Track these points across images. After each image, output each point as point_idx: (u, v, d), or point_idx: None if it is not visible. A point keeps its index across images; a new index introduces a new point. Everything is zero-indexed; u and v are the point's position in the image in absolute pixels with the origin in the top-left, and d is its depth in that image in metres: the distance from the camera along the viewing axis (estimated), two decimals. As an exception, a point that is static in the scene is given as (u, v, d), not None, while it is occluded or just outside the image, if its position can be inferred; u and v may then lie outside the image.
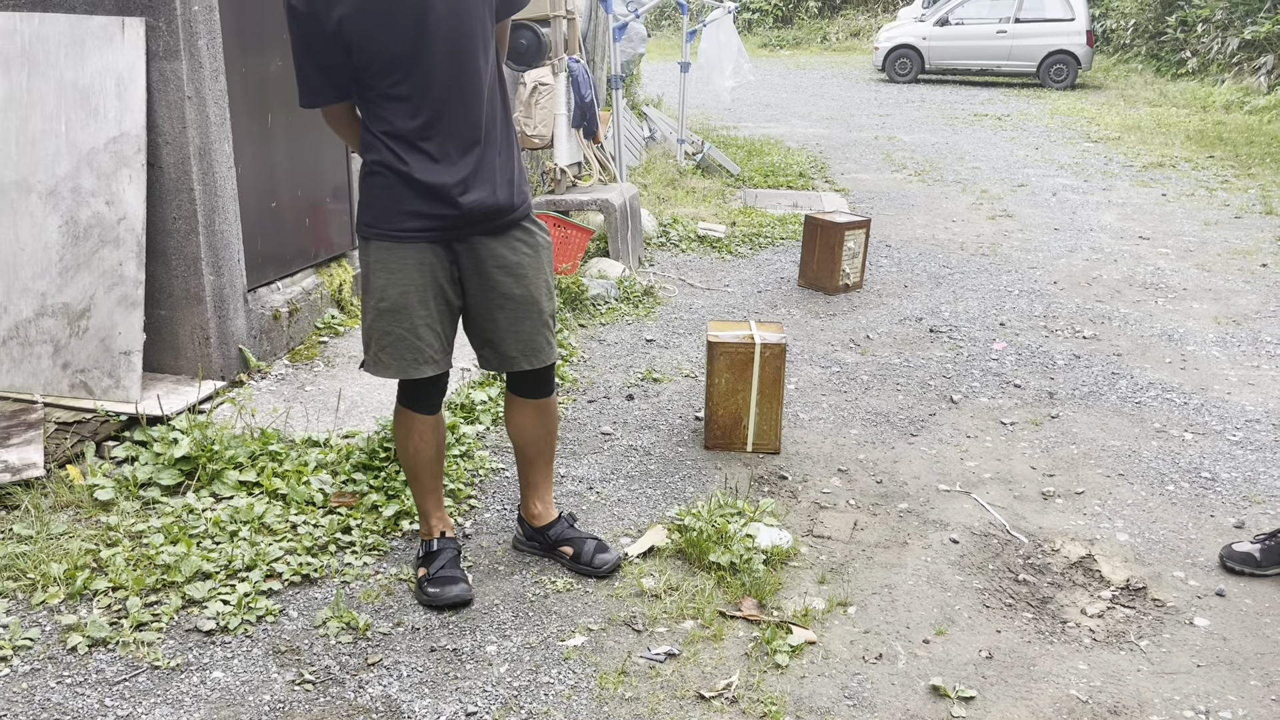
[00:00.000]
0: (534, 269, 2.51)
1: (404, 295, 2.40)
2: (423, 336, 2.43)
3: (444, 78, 2.30)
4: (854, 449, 3.63)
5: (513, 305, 2.50)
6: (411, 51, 2.26)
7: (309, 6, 2.21)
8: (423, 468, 2.65)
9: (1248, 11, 15.69)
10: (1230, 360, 4.56)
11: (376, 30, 2.23)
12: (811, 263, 5.70)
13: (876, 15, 28.91)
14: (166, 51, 3.30)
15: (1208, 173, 9.36)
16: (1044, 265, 6.18)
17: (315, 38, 2.25)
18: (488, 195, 2.40)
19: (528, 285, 2.50)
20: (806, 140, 11.50)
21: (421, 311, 2.42)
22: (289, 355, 4.01)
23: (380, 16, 2.22)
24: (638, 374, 4.28)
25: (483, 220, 2.42)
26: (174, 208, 3.43)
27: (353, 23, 2.21)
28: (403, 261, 2.39)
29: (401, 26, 2.24)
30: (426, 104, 2.31)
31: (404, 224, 2.38)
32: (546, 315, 2.56)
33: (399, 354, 2.44)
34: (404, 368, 2.45)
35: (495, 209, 2.42)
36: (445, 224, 2.39)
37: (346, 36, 2.23)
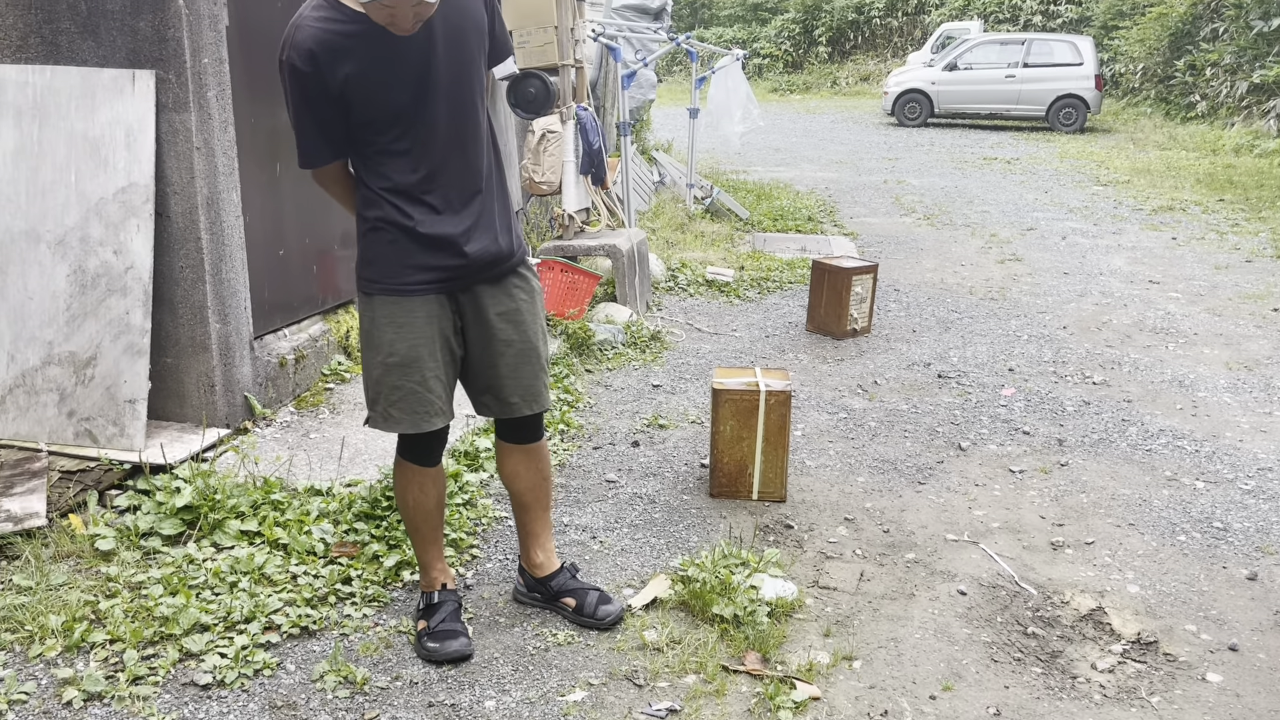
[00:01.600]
0: (531, 315, 2.54)
1: (414, 348, 2.40)
2: (432, 389, 2.43)
3: (446, 130, 2.32)
4: (861, 497, 3.59)
5: (513, 351, 2.52)
6: (414, 106, 2.28)
7: (313, 66, 2.19)
8: (423, 520, 2.63)
9: (1256, 56, 15.77)
10: (1242, 407, 4.51)
11: (380, 87, 2.24)
12: (819, 307, 5.69)
13: (886, 60, 29.17)
14: (176, 103, 3.34)
15: (1218, 216, 9.35)
16: (1053, 310, 6.16)
17: (318, 97, 2.23)
18: (490, 243, 2.42)
19: (526, 331, 2.52)
20: (816, 184, 11.55)
21: (431, 364, 2.42)
22: (294, 402, 4.01)
23: (384, 73, 2.23)
24: (644, 420, 4.26)
25: (487, 268, 2.43)
26: (181, 256, 3.46)
27: (357, 81, 2.22)
28: (411, 315, 2.39)
29: (404, 82, 2.25)
30: (427, 157, 2.32)
31: (411, 277, 2.38)
32: (544, 360, 2.58)
33: (410, 408, 2.43)
34: (416, 421, 2.44)
35: (497, 256, 2.44)
36: (451, 274, 2.40)
37: (350, 95, 2.23)
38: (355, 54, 2.19)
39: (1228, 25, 17.28)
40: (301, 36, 2.19)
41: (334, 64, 2.18)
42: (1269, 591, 2.98)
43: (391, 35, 2.20)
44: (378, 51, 2.21)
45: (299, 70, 2.20)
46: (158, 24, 3.29)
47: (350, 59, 2.19)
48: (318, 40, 2.18)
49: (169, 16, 3.28)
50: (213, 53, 3.42)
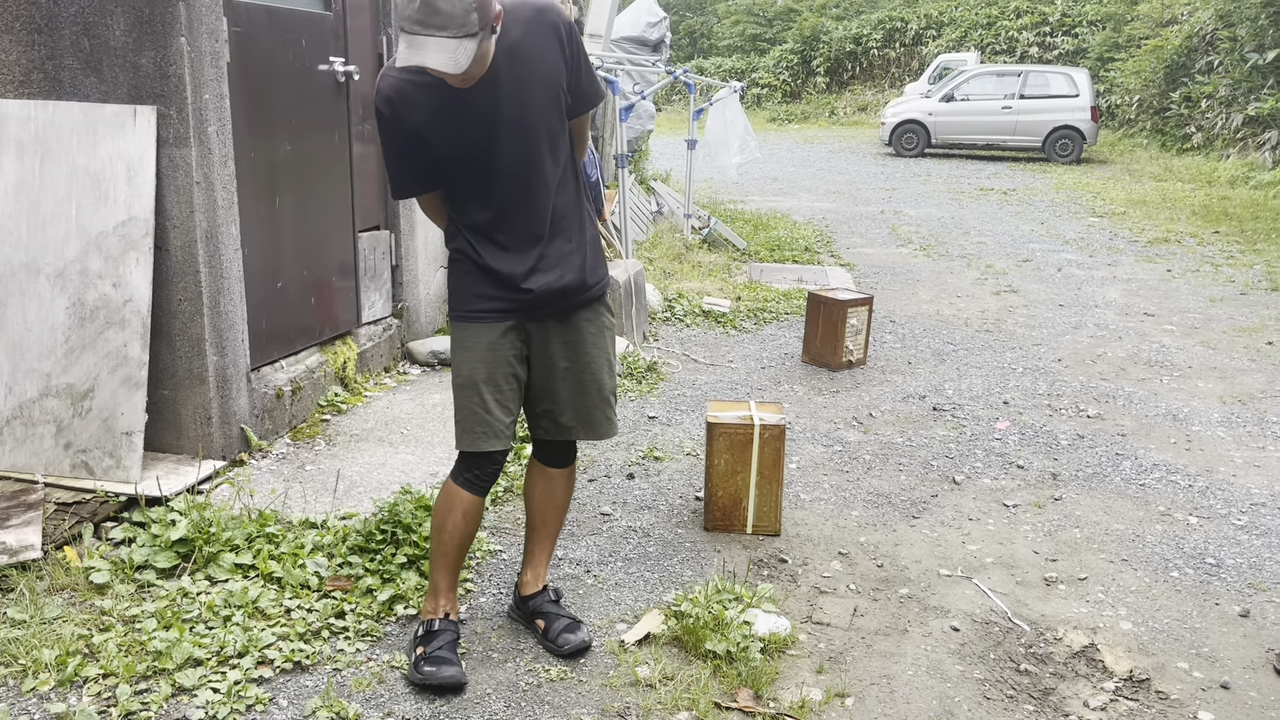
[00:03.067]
0: (596, 346, 2.66)
1: (474, 372, 2.56)
2: (491, 410, 2.56)
3: (510, 179, 2.48)
4: (855, 531, 3.60)
5: (573, 379, 2.65)
6: (480, 155, 2.43)
7: (391, 110, 2.41)
8: (455, 546, 2.69)
9: (1251, 88, 15.92)
10: (1235, 441, 4.53)
11: (449, 133, 2.41)
12: (815, 339, 5.72)
13: (883, 91, 29.40)
14: (177, 138, 3.38)
15: (1213, 248, 9.40)
16: (1048, 342, 6.19)
17: (398, 137, 2.44)
18: (555, 280, 2.55)
19: (586, 359, 2.65)
20: (813, 214, 11.62)
21: (489, 388, 2.56)
22: (291, 434, 4.02)
23: (452, 121, 2.40)
24: (639, 452, 4.28)
25: (555, 301, 2.56)
26: (180, 289, 3.48)
27: (428, 127, 2.40)
28: (475, 340, 2.56)
29: (470, 131, 2.41)
30: (495, 200, 2.48)
31: (476, 305, 2.56)
32: (606, 391, 2.71)
33: (468, 426, 2.57)
34: (472, 440, 2.57)
35: (564, 291, 2.56)
36: (514, 306, 2.54)
37: (425, 137, 2.42)
38: (425, 104, 2.38)
39: (1222, 58, 17.45)
40: (383, 85, 2.42)
41: (409, 111, 2.39)
42: (1261, 629, 2.99)
43: (451, 96, 2.36)
44: (445, 102, 2.37)
45: (382, 114, 2.43)
46: (160, 60, 3.33)
47: (420, 109, 2.39)
48: (394, 89, 2.40)
49: (171, 53, 3.32)
50: (214, 88, 3.46)
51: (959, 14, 28.71)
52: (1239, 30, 16.68)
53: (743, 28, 36.52)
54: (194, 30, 3.35)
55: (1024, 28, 26.87)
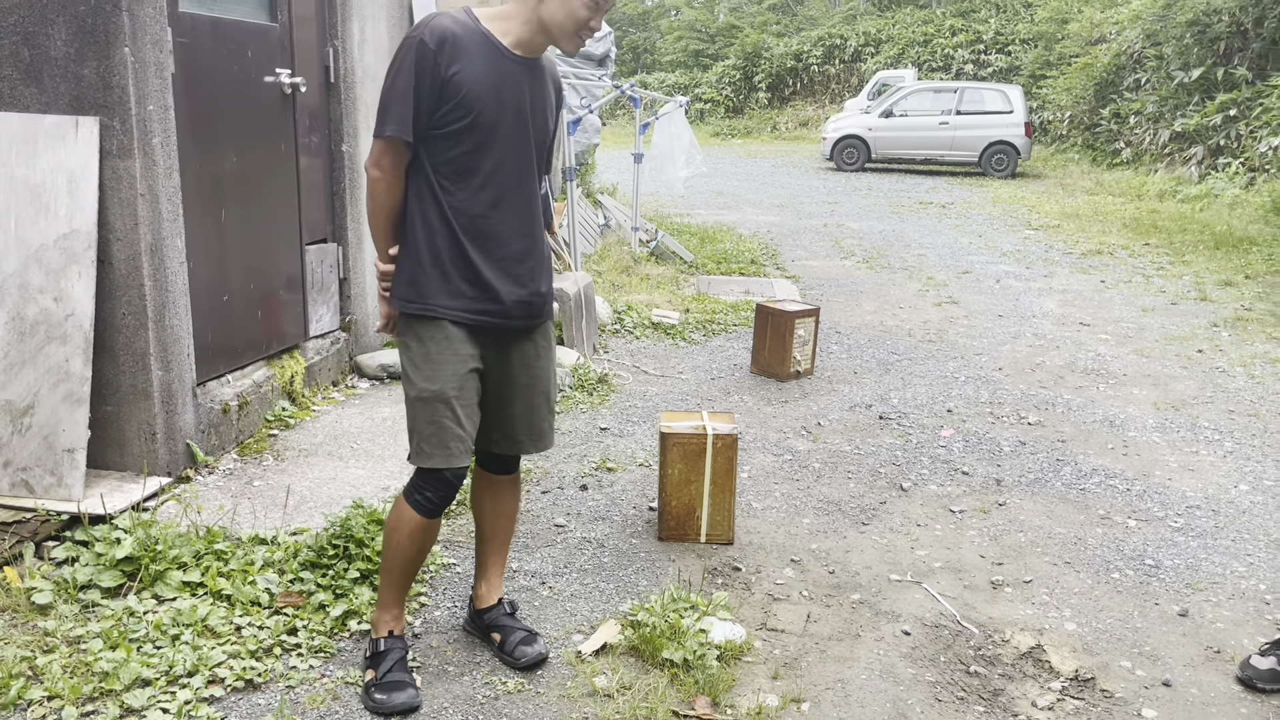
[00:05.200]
0: (547, 359, 2.69)
1: (445, 383, 2.46)
2: (463, 424, 2.49)
3: (514, 166, 2.48)
4: (806, 538, 3.64)
5: (526, 395, 2.65)
6: (498, 126, 2.42)
7: (439, 47, 2.35)
8: (401, 562, 2.62)
9: (1177, 105, 16.43)
10: (1170, 446, 4.67)
11: (477, 95, 2.38)
12: (763, 350, 5.78)
13: (824, 106, 29.83)
14: (120, 150, 3.32)
15: (1144, 260, 9.68)
16: (989, 351, 6.32)
17: (426, 74, 2.36)
18: (527, 294, 2.54)
19: (539, 377, 2.66)
20: (758, 227, 11.74)
21: (460, 399, 2.48)
22: (238, 449, 3.97)
23: (485, 87, 2.39)
24: (592, 463, 4.28)
25: (515, 317, 2.54)
26: (123, 303, 3.42)
27: (463, 77, 2.36)
28: (445, 343, 2.46)
29: (498, 103, 2.42)
30: (496, 180, 2.45)
31: (449, 303, 2.46)
32: (552, 402, 2.74)
33: (440, 441, 2.47)
34: (446, 456, 2.47)
35: (530, 306, 2.56)
36: (484, 311, 2.49)
37: (450, 90, 2.36)
38: (473, 59, 2.38)
39: (1149, 76, 18.00)
40: (439, 22, 2.38)
41: (454, 55, 2.36)
42: (1199, 627, 3.08)
43: (504, 66, 2.41)
44: (489, 68, 2.39)
45: (426, 46, 2.35)
46: (103, 71, 3.28)
47: (467, 60, 2.37)
48: (453, 31, 2.37)
49: (114, 64, 3.27)
50: (158, 100, 3.41)
51: (896, 32, 29.26)
52: (1165, 49, 17.23)
53: (685, 43, 36.83)
54: (138, 41, 3.30)
55: (959, 45, 27.47)
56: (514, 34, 2.44)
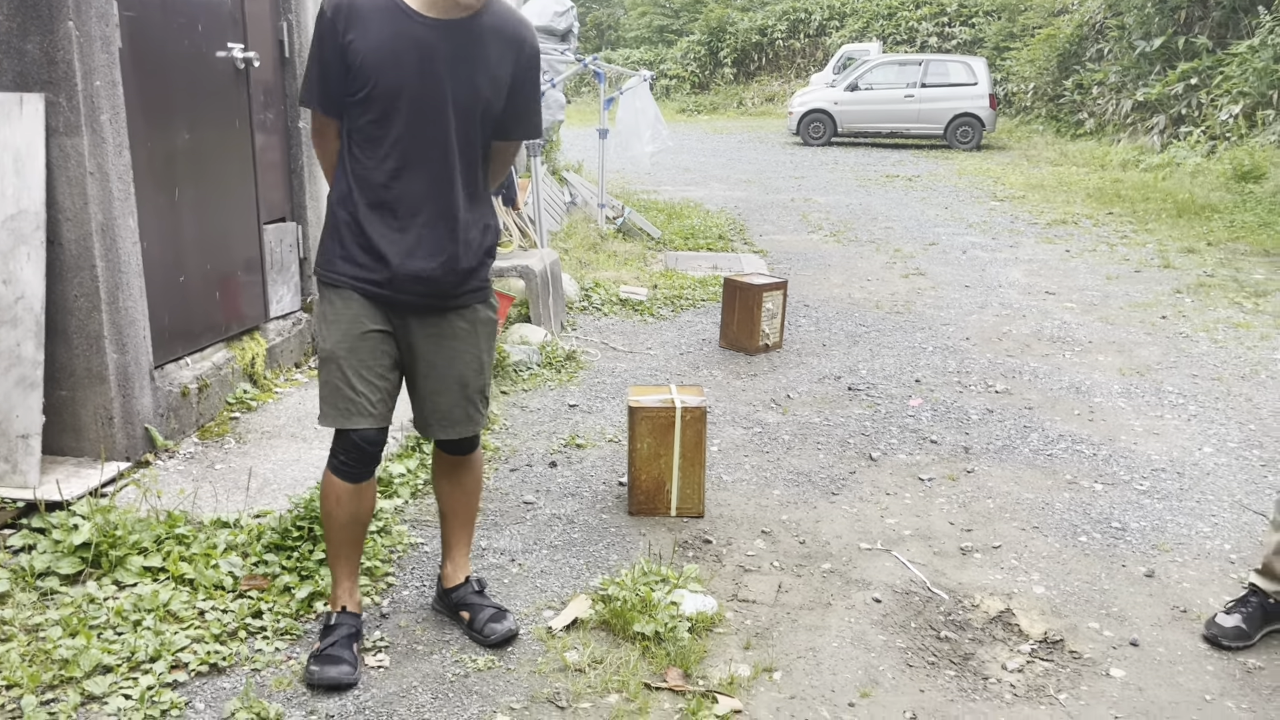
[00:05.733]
0: (466, 344, 2.54)
1: (337, 344, 2.44)
2: (354, 386, 2.45)
3: (421, 138, 2.37)
4: (777, 510, 3.64)
5: (435, 376, 2.55)
6: (392, 96, 2.33)
7: (334, 15, 2.31)
8: (335, 530, 2.60)
9: (1139, 75, 16.55)
10: (1135, 411, 4.70)
11: (375, 62, 2.31)
12: (731, 324, 5.76)
13: (790, 81, 29.79)
14: (67, 127, 3.23)
15: (1108, 229, 9.75)
16: (956, 322, 6.34)
17: (327, 44, 2.34)
18: (423, 267, 2.42)
19: (451, 357, 2.54)
20: (725, 203, 11.71)
21: (351, 359, 2.44)
22: (198, 433, 3.90)
23: (384, 53, 2.31)
24: (561, 440, 4.25)
25: (414, 293, 2.44)
26: (75, 285, 3.34)
27: (357, 46, 2.30)
28: (340, 309, 2.44)
29: (399, 69, 2.32)
30: (398, 152, 2.37)
31: (343, 270, 2.44)
32: (471, 390, 2.59)
33: (331, 402, 2.47)
34: (337, 418, 2.47)
35: (428, 280, 2.44)
36: (377, 282, 2.42)
37: (349, 57, 2.31)
38: (370, 24, 2.30)
39: (1112, 46, 18.11)
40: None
41: (349, 22, 2.30)
42: (1165, 588, 3.11)
43: (406, 28, 2.30)
44: (386, 32, 2.30)
45: (324, 15, 2.33)
46: (47, 46, 3.18)
47: (363, 25, 2.30)
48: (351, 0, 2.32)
49: (58, 38, 3.17)
50: (105, 75, 3.32)
51: (860, 5, 29.24)
52: (1127, 19, 17.33)
53: (650, 19, 36.63)
54: (82, 14, 3.20)
55: (923, 18, 27.49)
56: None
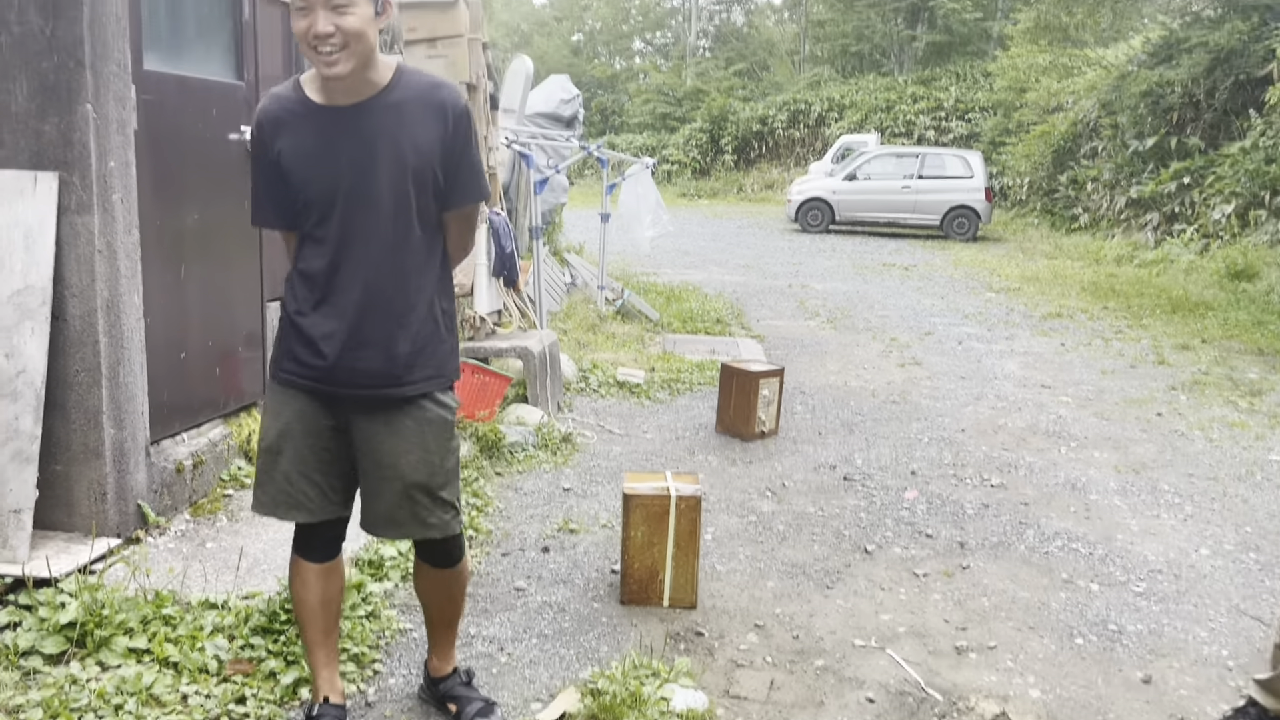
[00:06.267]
0: (409, 440, 2.40)
1: (280, 439, 2.42)
2: (295, 483, 2.43)
3: (353, 235, 2.32)
4: (771, 602, 3.60)
5: (378, 473, 2.42)
6: (326, 197, 2.31)
7: (260, 132, 2.35)
8: (306, 617, 2.57)
9: (1132, 173, 16.86)
10: (1131, 509, 4.69)
11: (305, 169, 2.30)
12: (728, 410, 5.78)
13: (789, 169, 30.31)
14: (79, 206, 3.29)
15: (1103, 323, 9.84)
16: (952, 413, 6.35)
17: (261, 161, 2.36)
18: (369, 365, 2.35)
19: (396, 456, 2.40)
20: (724, 287, 11.82)
21: (292, 456, 2.42)
22: (191, 509, 3.88)
23: (312, 158, 2.30)
24: (554, 524, 4.23)
25: (357, 387, 2.37)
26: (77, 360, 3.36)
27: (288, 156, 2.30)
28: (284, 404, 2.43)
29: (328, 172, 2.30)
30: (332, 252, 2.34)
31: (286, 366, 2.42)
32: (415, 491, 2.41)
33: (271, 495, 2.46)
34: (275, 509, 2.47)
35: (372, 382, 2.37)
36: (319, 378, 2.37)
37: (283, 168, 2.32)
38: (290, 131, 2.31)
39: (1105, 143, 18.48)
40: (260, 105, 2.38)
41: (274, 135, 2.32)
42: (1163, 695, 3.07)
43: (324, 124, 2.28)
44: (307, 135, 2.30)
45: (253, 134, 2.38)
46: (64, 127, 3.25)
47: (285, 135, 2.31)
48: (266, 111, 2.35)
49: (76, 120, 3.25)
50: (120, 156, 3.38)
51: (859, 98, 29.92)
52: (1120, 118, 17.73)
53: (653, 106, 37.42)
54: (100, 97, 3.28)
55: (920, 112, 28.12)
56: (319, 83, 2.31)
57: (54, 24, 3.19)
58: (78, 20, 3.19)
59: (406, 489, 2.42)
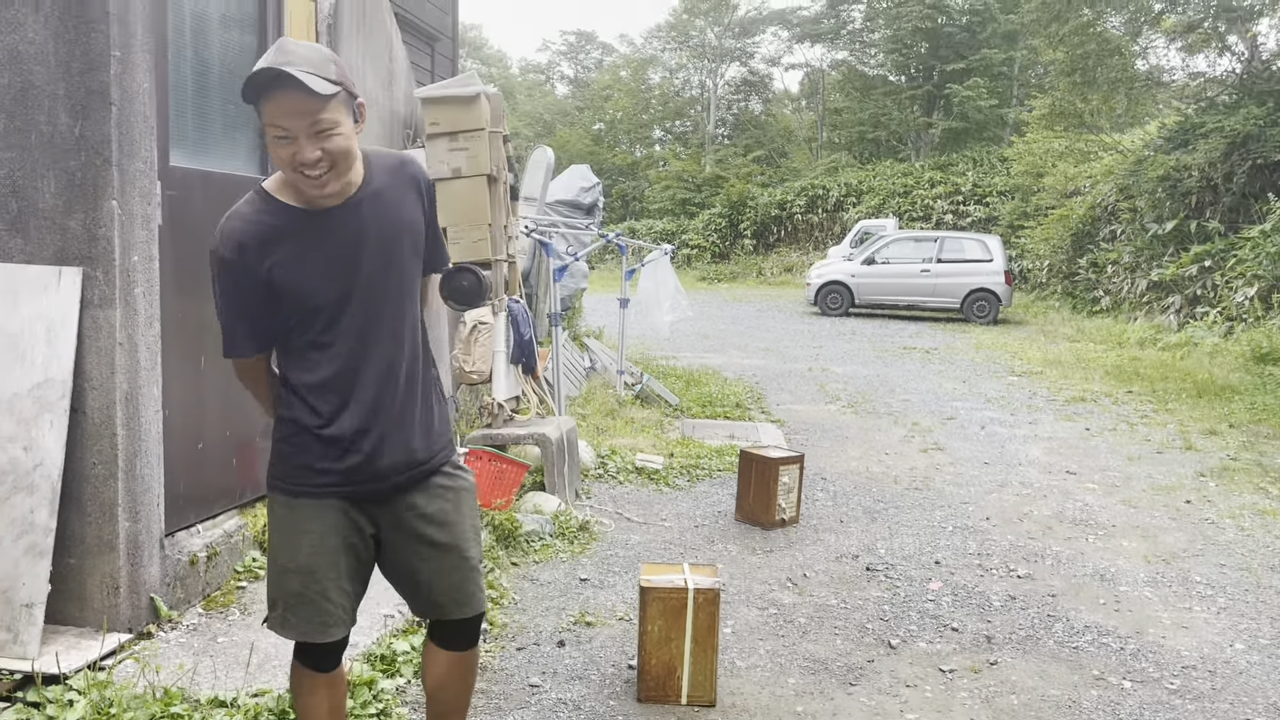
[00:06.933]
0: (456, 515, 2.44)
1: (313, 556, 2.31)
2: (332, 598, 2.33)
3: (368, 328, 2.30)
4: (792, 700, 3.51)
5: (437, 556, 2.41)
6: (338, 300, 2.26)
7: (239, 255, 2.21)
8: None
9: (1152, 256, 16.86)
10: (1162, 601, 4.57)
11: (305, 278, 2.23)
12: (748, 497, 5.71)
13: (808, 253, 30.56)
14: (102, 300, 3.33)
15: (1127, 407, 9.73)
16: (976, 500, 6.26)
17: (245, 287, 2.23)
18: (401, 449, 2.35)
19: (451, 532, 2.42)
20: (743, 371, 11.81)
21: (331, 573, 2.33)
22: (204, 602, 3.84)
23: (310, 265, 2.23)
24: (570, 617, 4.16)
25: (394, 474, 2.35)
26: (94, 453, 3.36)
27: (283, 270, 2.21)
28: (311, 521, 2.31)
29: (330, 275, 2.25)
30: (346, 353, 2.28)
31: (310, 480, 2.31)
32: (474, 562, 2.47)
33: (306, 616, 2.33)
34: (310, 631, 2.34)
35: (408, 463, 2.37)
36: (355, 479, 2.32)
37: (276, 284, 2.22)
38: (282, 244, 2.22)
39: (1124, 227, 18.54)
40: (230, 226, 2.23)
41: (261, 254, 2.20)
42: (1202, 800, 2.94)
43: (319, 228, 2.23)
44: (305, 243, 2.23)
45: (226, 260, 2.22)
46: (89, 223, 3.31)
47: (277, 249, 2.21)
48: (245, 231, 2.21)
49: (101, 216, 3.31)
50: (143, 250, 3.44)
51: (877, 183, 30.29)
52: (1138, 202, 17.80)
53: (673, 192, 38.02)
54: (126, 194, 3.35)
55: (938, 196, 28.38)
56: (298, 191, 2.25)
57: (82, 124, 3.28)
58: (106, 120, 3.27)
59: (468, 562, 2.44)
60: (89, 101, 3.28)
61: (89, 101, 3.28)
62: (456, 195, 5.78)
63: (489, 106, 5.91)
